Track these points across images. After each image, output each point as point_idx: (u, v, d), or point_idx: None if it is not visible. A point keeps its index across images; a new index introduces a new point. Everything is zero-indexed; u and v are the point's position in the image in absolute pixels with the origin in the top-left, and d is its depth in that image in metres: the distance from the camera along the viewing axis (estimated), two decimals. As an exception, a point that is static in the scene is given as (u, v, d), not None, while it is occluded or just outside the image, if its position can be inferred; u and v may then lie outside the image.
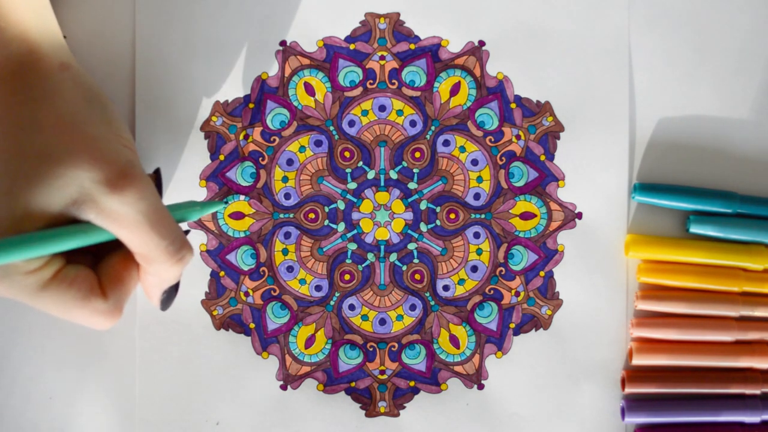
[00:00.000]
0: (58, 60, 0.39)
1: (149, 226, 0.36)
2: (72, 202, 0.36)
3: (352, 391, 0.48)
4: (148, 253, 0.37)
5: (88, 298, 0.37)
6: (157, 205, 0.37)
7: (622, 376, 0.48)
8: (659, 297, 0.48)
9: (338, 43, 0.49)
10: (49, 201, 0.35)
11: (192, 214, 0.42)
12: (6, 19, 0.38)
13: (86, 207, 0.36)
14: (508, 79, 0.49)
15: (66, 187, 0.35)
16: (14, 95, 0.37)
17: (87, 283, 0.37)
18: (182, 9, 0.48)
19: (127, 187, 0.36)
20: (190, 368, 0.48)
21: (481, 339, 0.48)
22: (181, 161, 0.48)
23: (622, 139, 0.48)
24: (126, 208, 0.36)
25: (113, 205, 0.36)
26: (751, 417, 0.47)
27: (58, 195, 0.35)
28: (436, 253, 0.49)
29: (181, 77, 0.48)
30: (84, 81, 0.39)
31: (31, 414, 0.48)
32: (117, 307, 0.38)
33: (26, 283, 0.35)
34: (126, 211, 0.36)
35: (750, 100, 0.49)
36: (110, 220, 0.36)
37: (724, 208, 0.48)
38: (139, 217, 0.36)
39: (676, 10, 0.49)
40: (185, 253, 0.38)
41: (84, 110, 0.38)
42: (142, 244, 0.37)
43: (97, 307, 0.37)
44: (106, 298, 0.38)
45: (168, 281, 0.40)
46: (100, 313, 0.38)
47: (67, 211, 0.36)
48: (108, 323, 0.38)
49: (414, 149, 0.49)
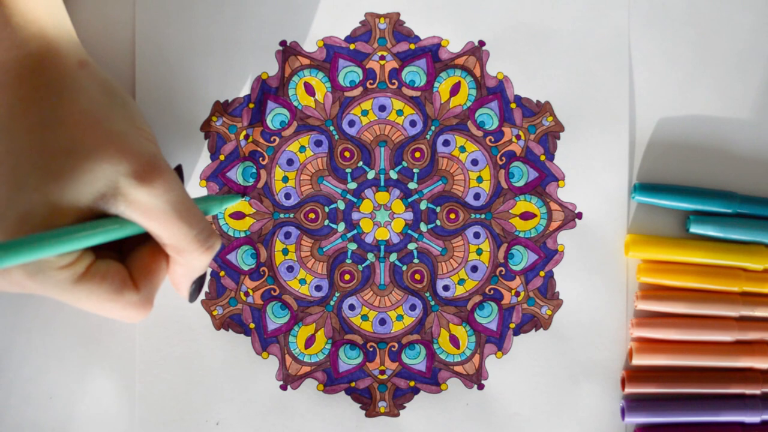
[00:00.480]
0: (76, 57, 0.39)
1: (178, 217, 0.37)
2: (101, 196, 0.36)
3: (352, 391, 0.48)
4: (177, 244, 0.38)
5: (121, 291, 0.38)
6: (184, 196, 0.38)
7: (622, 376, 0.48)
8: (659, 297, 0.48)
9: (338, 43, 0.49)
10: (79, 196, 0.36)
11: (213, 208, 0.42)
12: (24, 18, 0.38)
13: (115, 200, 0.36)
14: (508, 79, 0.49)
15: (95, 182, 0.36)
16: (35, 92, 0.37)
17: (119, 276, 0.38)
18: (182, 9, 0.48)
19: (155, 179, 0.36)
20: (190, 368, 0.48)
21: (481, 339, 0.48)
22: (181, 161, 0.48)
23: (622, 139, 0.48)
24: (155, 200, 0.37)
25: (142, 197, 0.36)
26: (751, 417, 0.47)
27: (87, 189, 0.36)
28: (436, 253, 0.49)
29: (181, 77, 0.48)
30: (102, 77, 0.39)
31: (31, 414, 0.48)
32: (149, 299, 0.39)
33: (60, 278, 0.36)
34: (155, 203, 0.37)
35: (750, 100, 0.49)
36: (140, 212, 0.37)
37: (724, 208, 0.48)
38: (168, 207, 0.37)
39: (676, 10, 0.49)
40: (214, 241, 0.39)
41: (106, 106, 0.38)
42: (171, 234, 0.37)
43: (130, 300, 0.38)
44: (138, 290, 0.38)
45: (197, 271, 0.40)
46: (133, 306, 0.38)
47: (96, 206, 0.36)
48: (141, 315, 0.39)
49: (414, 149, 0.49)
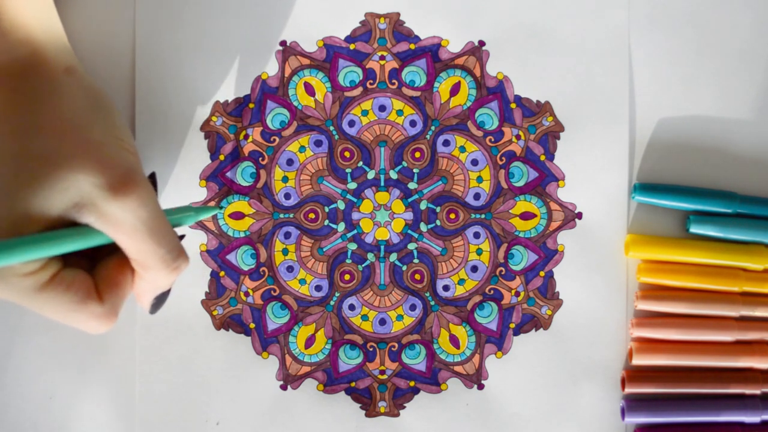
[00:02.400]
0: (63, 64, 0.39)
1: (148, 234, 0.37)
2: (73, 205, 0.36)
3: (352, 391, 0.48)
4: (144, 261, 0.37)
5: (85, 301, 0.37)
6: (156, 213, 0.37)
7: (622, 376, 0.48)
8: (659, 297, 0.48)
9: (338, 43, 0.49)
10: (50, 204, 0.35)
11: (187, 219, 0.42)
12: (11, 23, 0.38)
13: (86, 211, 0.36)
14: (508, 79, 0.49)
15: (67, 191, 0.35)
16: (18, 97, 0.37)
17: (84, 286, 0.37)
18: (182, 9, 0.48)
19: (129, 193, 0.36)
20: (190, 368, 0.48)
21: (481, 339, 0.48)
22: (181, 161, 0.48)
23: (622, 139, 0.48)
24: (126, 214, 0.36)
25: (114, 211, 0.36)
26: (751, 417, 0.47)
27: (58, 198, 0.35)
28: (436, 253, 0.49)
29: (181, 77, 0.48)
30: (88, 85, 0.39)
31: (31, 414, 0.48)
32: (113, 311, 0.38)
33: (23, 286, 0.35)
34: (126, 217, 0.36)
35: (750, 100, 0.49)
36: (110, 224, 0.36)
37: (724, 208, 0.48)
38: (138, 224, 0.36)
39: (676, 10, 0.49)
40: (181, 263, 0.39)
41: (87, 114, 0.38)
42: (139, 251, 0.37)
43: (94, 311, 0.37)
44: (103, 301, 0.38)
45: (160, 288, 0.40)
46: (97, 317, 0.38)
47: (67, 215, 0.36)
48: (104, 327, 0.38)
49: (414, 149, 0.49)
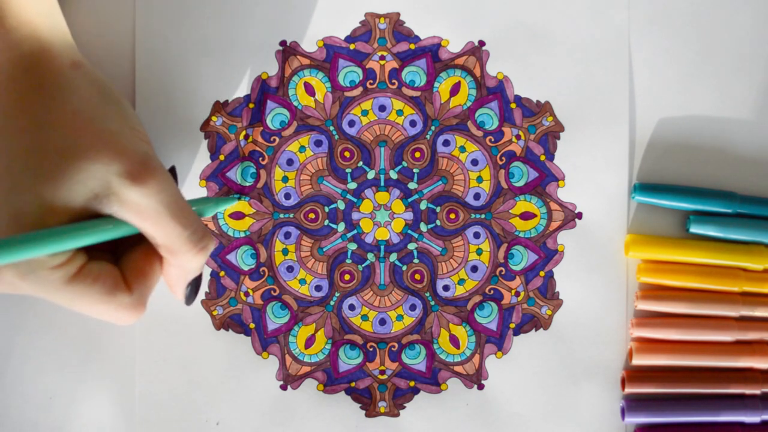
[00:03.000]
0: (69, 59, 0.39)
1: (171, 217, 0.37)
2: (94, 196, 0.36)
3: (352, 391, 0.48)
4: (171, 244, 0.38)
5: (113, 292, 0.37)
6: (177, 196, 0.38)
7: (622, 376, 0.48)
8: (659, 297, 0.48)
9: (338, 43, 0.49)
10: (72, 196, 0.35)
11: (208, 210, 0.42)
12: (17, 20, 0.38)
13: (108, 200, 0.36)
14: (508, 79, 0.49)
15: (88, 181, 0.36)
16: (29, 93, 0.37)
17: (112, 277, 0.38)
18: (182, 9, 0.48)
19: (148, 179, 0.36)
20: (190, 368, 0.48)
21: (481, 339, 0.48)
22: (181, 161, 0.48)
23: (622, 139, 0.48)
24: (148, 200, 0.36)
25: (135, 197, 0.36)
26: (751, 417, 0.47)
27: (80, 189, 0.36)
28: (436, 253, 0.49)
29: (181, 77, 0.48)
30: (96, 78, 0.39)
31: (31, 414, 0.48)
32: (141, 301, 0.39)
33: (52, 279, 0.36)
34: (148, 203, 0.36)
35: (750, 100, 0.49)
36: (133, 212, 0.37)
37: (724, 208, 0.48)
38: (161, 208, 0.37)
39: (676, 10, 0.49)
40: (207, 242, 0.39)
41: (99, 106, 0.38)
42: (164, 235, 0.37)
43: (123, 302, 0.38)
44: (131, 292, 0.38)
45: (192, 272, 0.40)
46: (126, 308, 0.38)
47: (90, 206, 0.36)
48: (133, 318, 0.39)
49: (414, 149, 0.49)
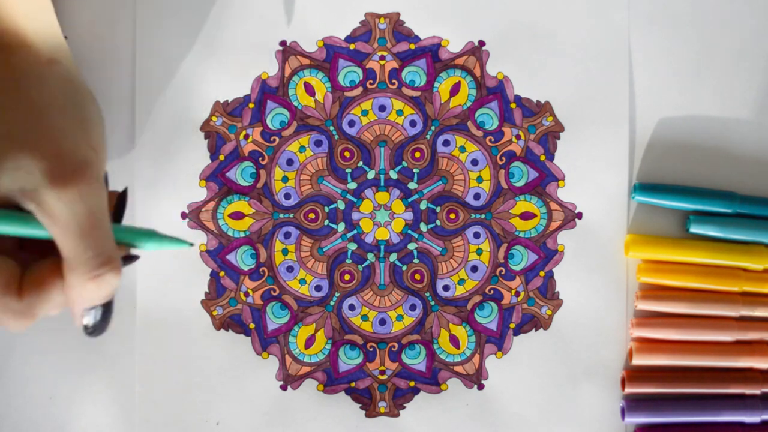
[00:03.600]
0: (48, 56, 0.38)
1: (78, 230, 0.35)
2: (18, 188, 0.35)
3: (352, 391, 0.48)
4: (71, 260, 0.35)
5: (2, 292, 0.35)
6: (95, 212, 0.35)
7: (622, 376, 0.48)
8: (659, 297, 0.48)
9: (338, 43, 0.49)
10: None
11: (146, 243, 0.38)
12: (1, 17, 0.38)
13: (29, 197, 0.35)
14: (508, 79, 0.49)
15: (15, 172, 0.34)
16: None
17: (5, 277, 0.35)
18: (182, 9, 0.48)
19: (70, 185, 0.35)
20: (190, 368, 0.48)
21: (481, 339, 0.48)
22: (181, 161, 0.48)
23: (622, 139, 0.48)
24: (61, 206, 0.35)
25: (51, 200, 0.35)
26: (751, 417, 0.47)
27: (6, 177, 0.34)
28: (436, 253, 0.49)
29: (181, 77, 0.48)
30: (70, 78, 0.38)
31: (31, 414, 0.48)
32: (30, 311, 0.36)
33: None
34: (60, 209, 0.35)
35: (750, 100, 0.49)
36: (45, 214, 0.35)
37: (724, 208, 0.48)
38: (70, 218, 0.35)
39: (676, 10, 0.49)
40: (106, 272, 0.36)
41: (57, 103, 0.37)
42: (68, 248, 0.35)
43: (8, 305, 0.35)
44: (21, 299, 0.35)
45: (85, 299, 0.36)
46: (9, 312, 0.36)
47: (13, 198, 0.35)
48: (17, 326, 0.36)
49: (414, 149, 0.49)
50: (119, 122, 0.48)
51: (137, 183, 0.48)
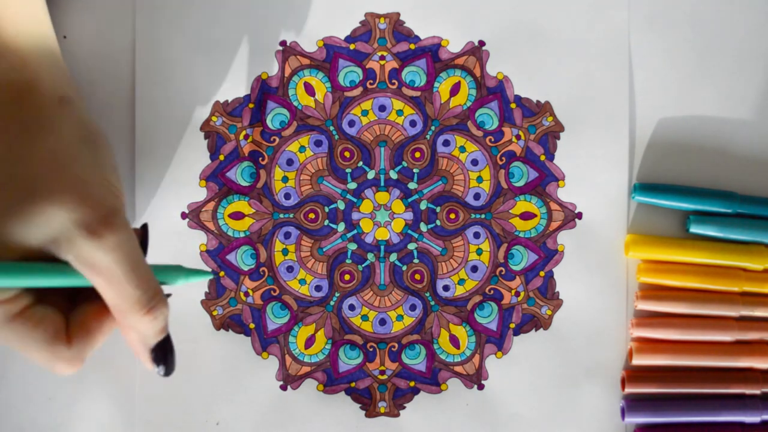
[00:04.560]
0: (58, 93, 0.38)
1: (122, 275, 0.36)
2: (51, 240, 0.35)
3: (352, 391, 0.48)
4: (120, 304, 0.36)
5: (52, 342, 0.36)
6: (133, 256, 0.36)
7: (622, 376, 0.48)
8: (659, 297, 0.48)
9: (338, 43, 0.49)
10: (28, 235, 0.35)
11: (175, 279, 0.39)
12: (6, 46, 0.38)
13: (64, 248, 0.35)
14: (508, 79, 0.49)
15: (46, 224, 0.35)
16: (11, 124, 0.37)
17: (53, 326, 0.36)
18: (182, 9, 0.48)
19: (106, 235, 0.35)
20: (190, 368, 0.48)
21: (481, 339, 0.48)
22: (181, 161, 0.48)
23: (622, 139, 0.48)
24: (102, 255, 0.35)
25: (89, 250, 0.35)
26: (751, 417, 0.47)
27: (37, 230, 0.35)
28: (436, 253, 0.49)
29: (181, 77, 0.48)
30: (82, 119, 0.39)
31: (31, 414, 0.48)
32: (79, 356, 0.37)
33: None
34: (101, 258, 0.35)
35: (750, 100, 0.49)
36: (86, 265, 0.35)
37: (724, 208, 0.48)
38: (113, 265, 0.35)
39: (676, 10, 0.49)
40: (159, 306, 0.37)
41: (76, 150, 0.37)
42: (114, 293, 0.36)
43: (59, 353, 0.36)
44: (71, 345, 0.36)
45: (148, 337, 0.38)
46: (61, 360, 0.37)
47: (47, 249, 0.35)
48: (67, 371, 0.37)
49: (414, 149, 0.49)
50: (119, 122, 0.48)
51: (137, 183, 0.48)
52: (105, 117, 0.48)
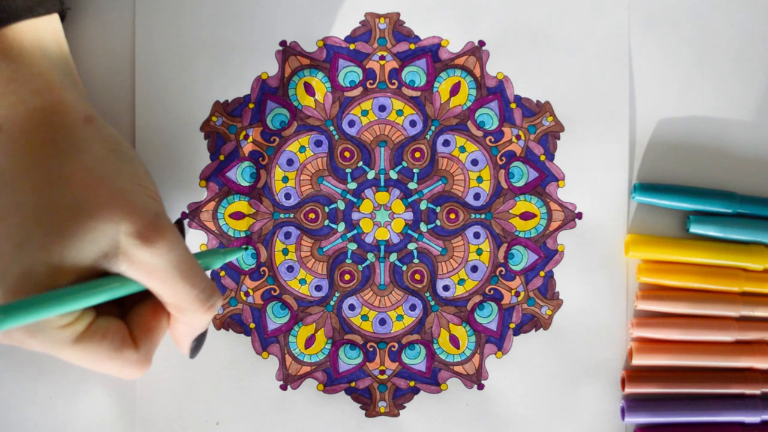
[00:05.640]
0: (82, 113, 0.39)
1: (180, 277, 0.37)
2: (103, 255, 0.36)
3: (352, 391, 0.48)
4: (179, 303, 0.38)
5: (121, 349, 0.37)
6: (186, 255, 0.37)
7: (622, 376, 0.48)
8: (659, 297, 0.48)
9: (338, 43, 0.49)
10: (82, 255, 0.35)
11: (215, 261, 0.42)
12: (30, 72, 0.38)
13: (117, 260, 0.36)
14: (508, 79, 0.49)
15: (97, 241, 0.36)
16: (41, 149, 0.37)
17: (119, 334, 0.38)
18: (182, 9, 0.48)
19: (158, 239, 0.36)
20: (190, 368, 0.48)
21: (481, 339, 0.48)
22: (181, 161, 0.48)
23: (622, 139, 0.48)
24: (157, 260, 0.36)
25: (145, 257, 0.36)
26: (751, 417, 0.47)
27: (90, 248, 0.36)
28: (436, 253, 0.49)
29: (181, 77, 0.48)
30: (108, 134, 0.39)
31: (31, 414, 0.48)
32: (147, 357, 0.39)
33: (60, 337, 0.36)
34: (157, 263, 0.36)
35: (750, 100, 0.49)
36: (142, 271, 0.37)
37: (724, 208, 0.48)
38: (170, 267, 0.37)
39: (676, 10, 0.49)
40: (215, 300, 0.39)
41: (111, 163, 0.38)
42: (173, 294, 0.37)
43: (130, 358, 0.38)
44: (138, 348, 0.38)
45: (198, 329, 0.40)
46: (132, 364, 0.38)
47: (98, 264, 0.36)
48: (139, 373, 0.39)
49: (414, 149, 0.49)
50: (119, 122, 0.48)
51: (137, 183, 0.48)
52: (105, 117, 0.48)
